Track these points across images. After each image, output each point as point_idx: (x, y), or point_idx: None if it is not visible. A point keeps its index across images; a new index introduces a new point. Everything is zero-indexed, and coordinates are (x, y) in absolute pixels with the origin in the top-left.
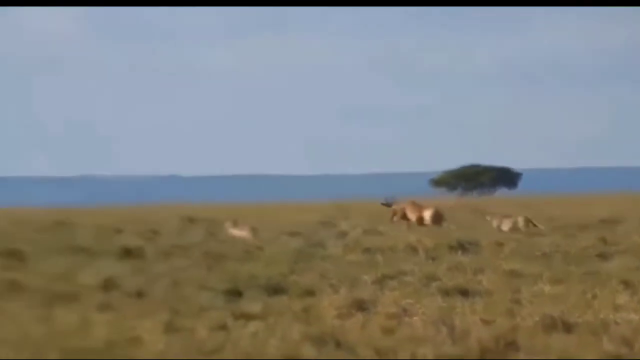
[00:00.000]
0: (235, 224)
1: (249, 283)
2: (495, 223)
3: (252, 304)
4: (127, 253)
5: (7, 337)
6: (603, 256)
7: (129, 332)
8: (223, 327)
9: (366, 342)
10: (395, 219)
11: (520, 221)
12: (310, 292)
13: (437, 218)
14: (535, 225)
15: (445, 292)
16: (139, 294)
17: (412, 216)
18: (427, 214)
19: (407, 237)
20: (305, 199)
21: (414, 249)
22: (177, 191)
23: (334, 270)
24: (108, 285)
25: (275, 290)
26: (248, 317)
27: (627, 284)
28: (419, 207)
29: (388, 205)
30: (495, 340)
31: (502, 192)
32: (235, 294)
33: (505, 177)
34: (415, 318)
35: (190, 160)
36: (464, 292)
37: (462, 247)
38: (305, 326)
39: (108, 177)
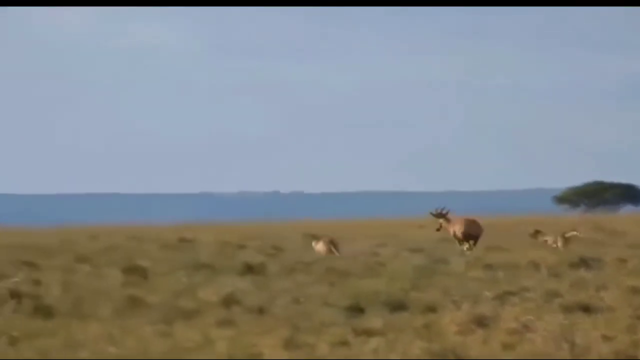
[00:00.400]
0: (319, 239)
1: (370, 299)
2: (541, 239)
3: (374, 320)
4: (249, 269)
5: (128, 352)
6: None
7: (249, 348)
8: (344, 343)
9: (487, 358)
10: (440, 230)
11: (550, 239)
12: (431, 308)
13: (467, 234)
14: (565, 239)
15: (567, 309)
16: (260, 310)
17: (456, 228)
18: (460, 230)
19: (530, 253)
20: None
21: (536, 266)
22: (300, 208)
23: (456, 287)
24: (229, 301)
25: (397, 306)
26: (369, 333)
27: None
28: (463, 222)
29: (437, 216)
30: (615, 356)
31: (627, 209)
32: (356, 310)
33: (630, 194)
34: (536, 334)
35: (314, 177)
36: (586, 309)
37: (585, 263)
38: (426, 342)
39: (229, 194)
